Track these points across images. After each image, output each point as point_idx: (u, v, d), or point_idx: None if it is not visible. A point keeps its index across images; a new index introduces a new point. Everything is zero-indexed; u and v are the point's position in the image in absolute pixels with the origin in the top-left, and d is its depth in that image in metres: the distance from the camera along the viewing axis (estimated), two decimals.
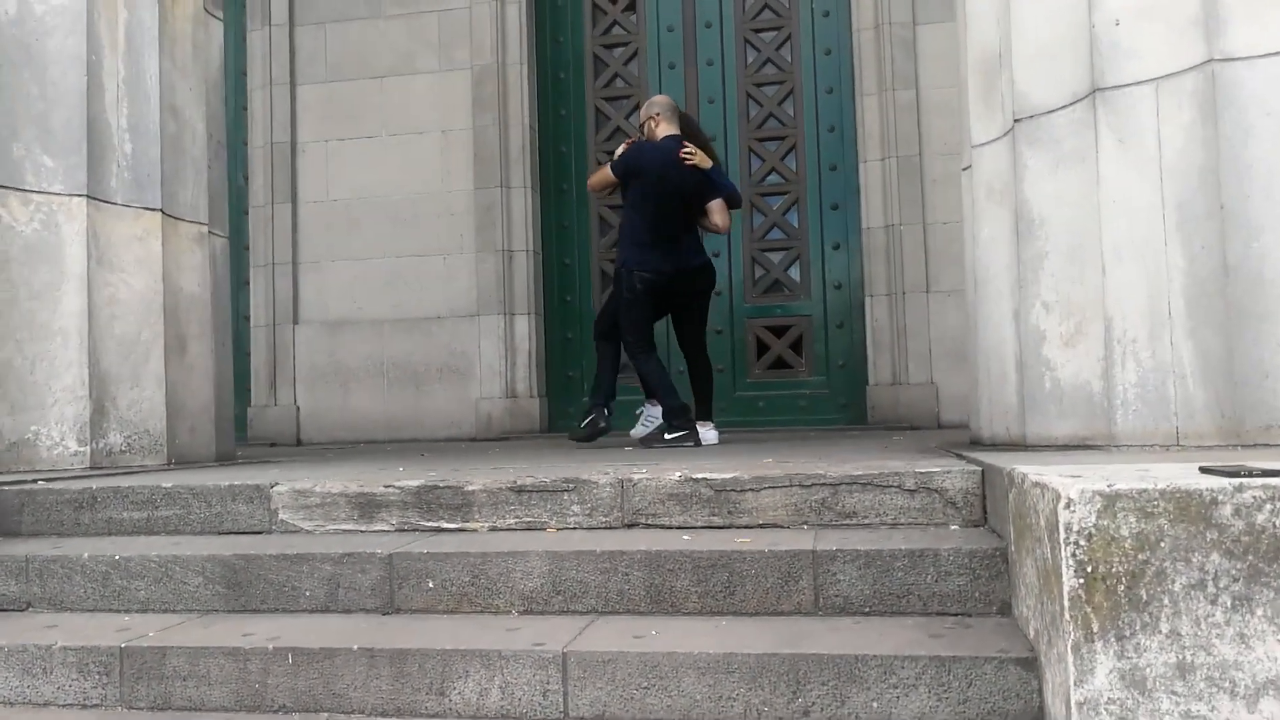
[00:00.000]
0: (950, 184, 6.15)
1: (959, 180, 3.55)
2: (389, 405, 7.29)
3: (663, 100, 4.90)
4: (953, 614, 2.09)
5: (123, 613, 2.41)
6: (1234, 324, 2.49)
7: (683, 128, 4.83)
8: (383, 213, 7.37)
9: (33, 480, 2.96)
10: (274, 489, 2.68)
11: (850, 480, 2.42)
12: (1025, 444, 2.95)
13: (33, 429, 3.40)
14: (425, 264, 7.30)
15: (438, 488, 2.60)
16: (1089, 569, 1.51)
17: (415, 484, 2.62)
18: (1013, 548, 2.00)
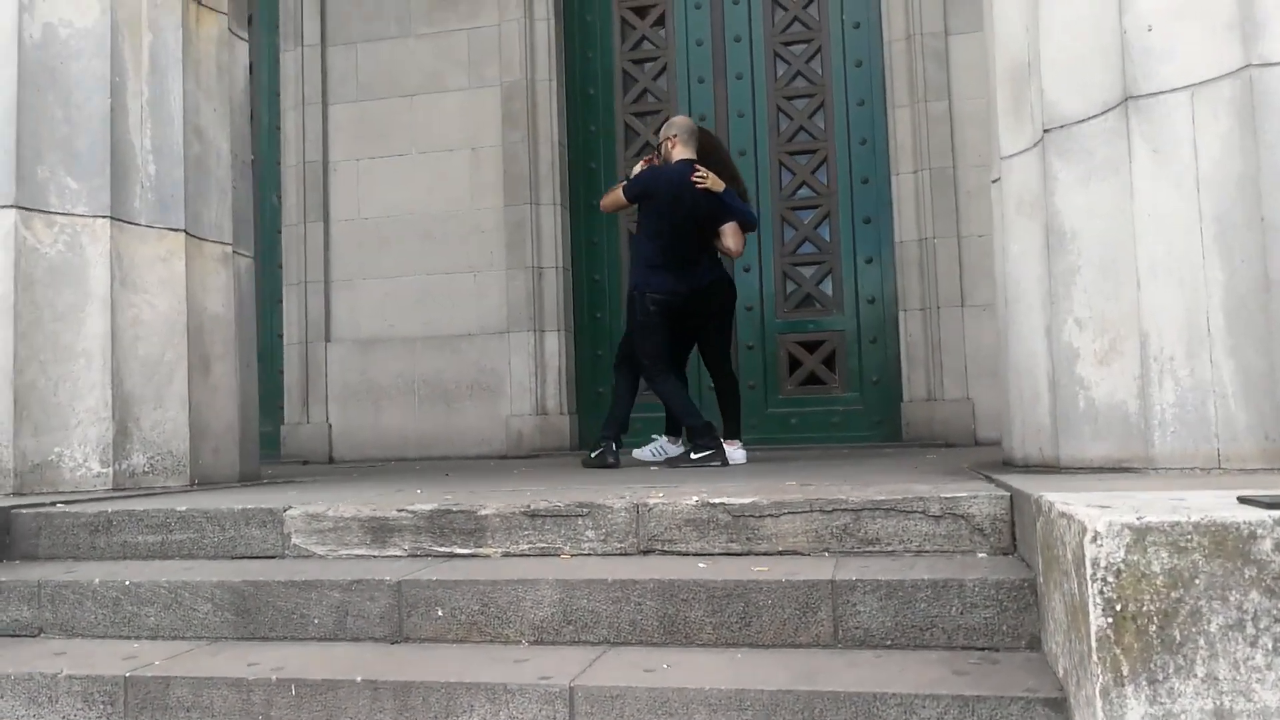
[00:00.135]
0: (985, 196, 6.00)
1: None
2: (420, 423, 7.29)
3: (681, 122, 4.87)
4: (979, 648, 1.99)
5: (132, 639, 2.38)
6: (1277, 340, 2.38)
7: (706, 149, 4.81)
8: (413, 230, 7.39)
9: (52, 503, 2.96)
10: (287, 513, 2.65)
11: (873, 505, 2.34)
12: (1059, 466, 2.84)
13: (56, 450, 3.40)
14: (455, 281, 7.30)
15: (450, 512, 2.55)
16: (1118, 607, 1.42)
17: (428, 508, 2.58)
18: (1041, 579, 1.90)
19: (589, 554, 2.46)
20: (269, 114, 7.97)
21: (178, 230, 3.78)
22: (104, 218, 3.55)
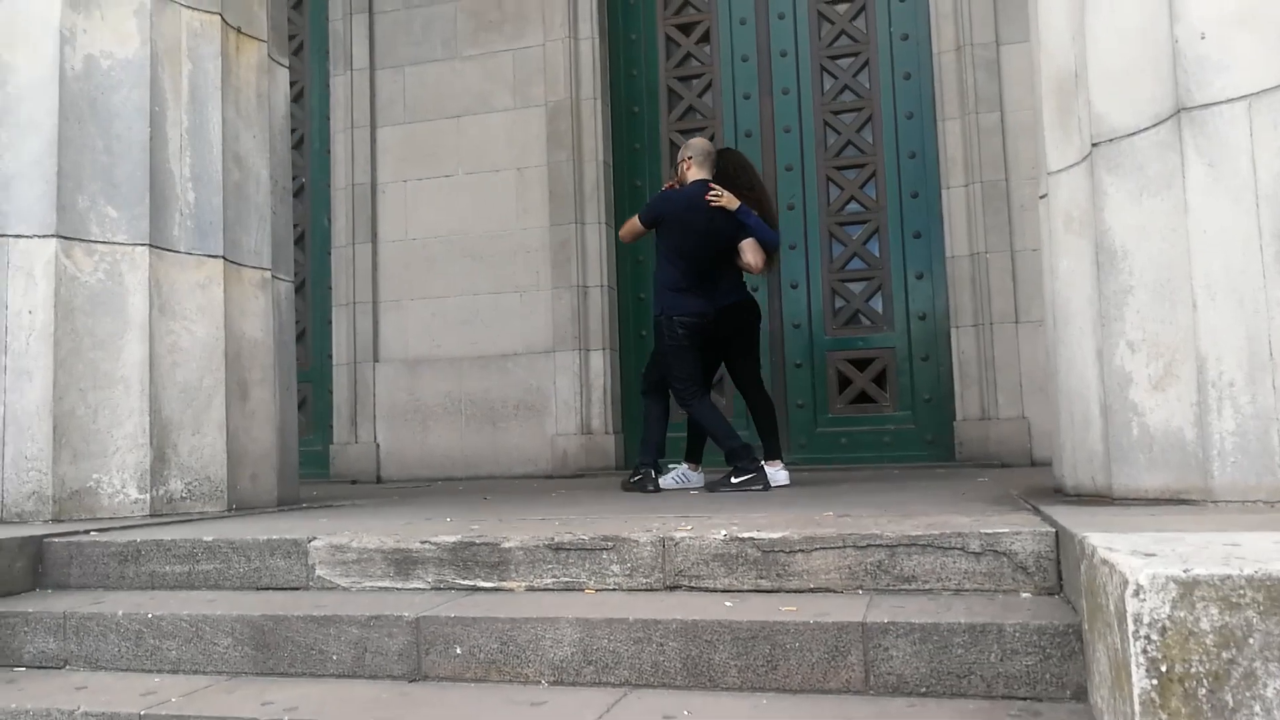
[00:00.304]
0: (1038, 210, 5.85)
1: None
2: (466, 442, 7.28)
3: (697, 144, 4.86)
4: (1020, 698, 1.87)
5: (154, 673, 2.36)
6: None
7: (735, 171, 4.79)
8: (460, 250, 7.41)
9: (86, 530, 2.97)
10: (311, 544, 2.62)
11: (909, 541, 2.23)
12: (1111, 496, 2.69)
13: (94, 477, 3.43)
14: (501, 301, 7.30)
15: (474, 544, 2.50)
16: (1163, 668, 1.30)
17: (451, 540, 2.52)
18: (1086, 625, 1.78)
19: (614, 589, 2.39)
20: (320, 138, 8.08)
21: (216, 257, 3.80)
22: (143, 245, 3.58)
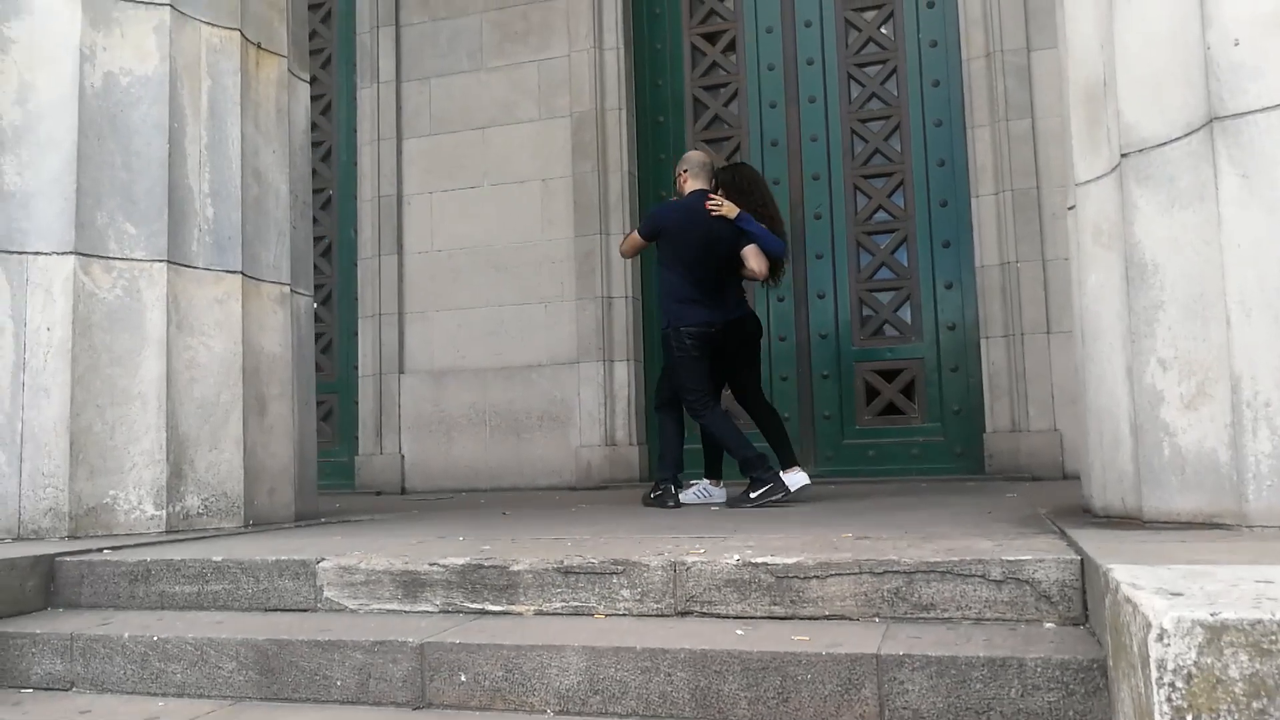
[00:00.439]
0: None
1: None
2: (490, 453, 7.26)
3: (693, 157, 4.86)
4: None
5: (158, 696, 2.34)
6: None
7: (745, 186, 4.74)
8: (485, 262, 7.40)
9: (99, 549, 2.96)
10: (320, 565, 2.59)
11: (927, 568, 2.15)
12: (1142, 518, 2.60)
13: (111, 493, 3.43)
14: (526, 312, 7.28)
15: (483, 567, 2.45)
16: (1188, 718, 1.22)
17: (461, 562, 2.48)
18: (1110, 662, 1.70)
19: (624, 614, 2.33)
20: (347, 150, 8.11)
21: (235, 272, 3.80)
22: (161, 262, 3.58)
